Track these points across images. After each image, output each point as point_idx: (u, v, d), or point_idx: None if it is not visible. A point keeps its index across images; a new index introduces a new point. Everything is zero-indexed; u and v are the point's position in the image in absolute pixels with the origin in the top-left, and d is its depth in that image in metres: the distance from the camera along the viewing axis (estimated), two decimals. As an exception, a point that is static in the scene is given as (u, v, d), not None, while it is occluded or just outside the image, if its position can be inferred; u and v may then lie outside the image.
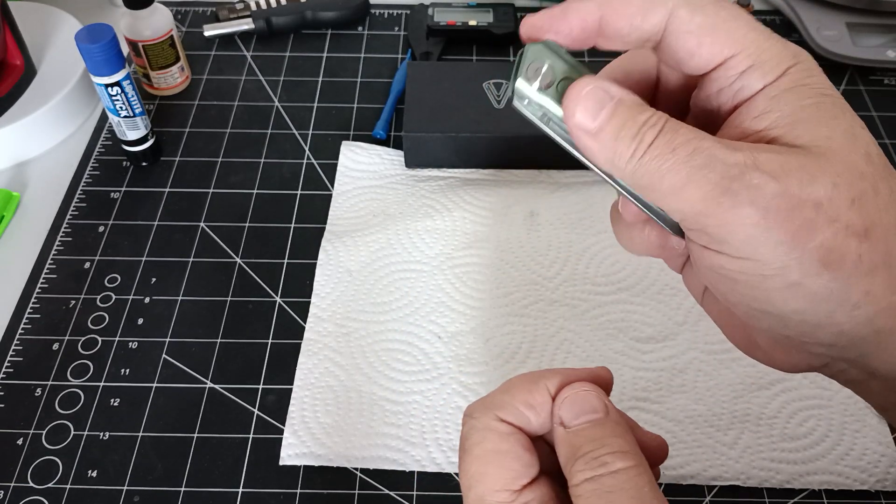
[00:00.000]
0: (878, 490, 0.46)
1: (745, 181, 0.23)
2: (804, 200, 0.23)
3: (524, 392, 0.28)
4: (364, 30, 0.77)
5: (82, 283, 0.56)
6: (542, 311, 0.54)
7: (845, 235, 0.23)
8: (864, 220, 0.24)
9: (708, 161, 0.23)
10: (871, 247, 0.24)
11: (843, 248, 0.23)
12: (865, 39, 0.71)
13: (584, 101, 0.25)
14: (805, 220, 0.23)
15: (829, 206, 0.23)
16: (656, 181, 0.24)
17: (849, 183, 0.24)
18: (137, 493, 0.46)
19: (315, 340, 0.52)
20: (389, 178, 0.62)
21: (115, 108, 0.59)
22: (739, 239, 0.24)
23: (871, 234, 0.24)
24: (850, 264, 0.24)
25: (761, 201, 0.23)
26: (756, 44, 0.25)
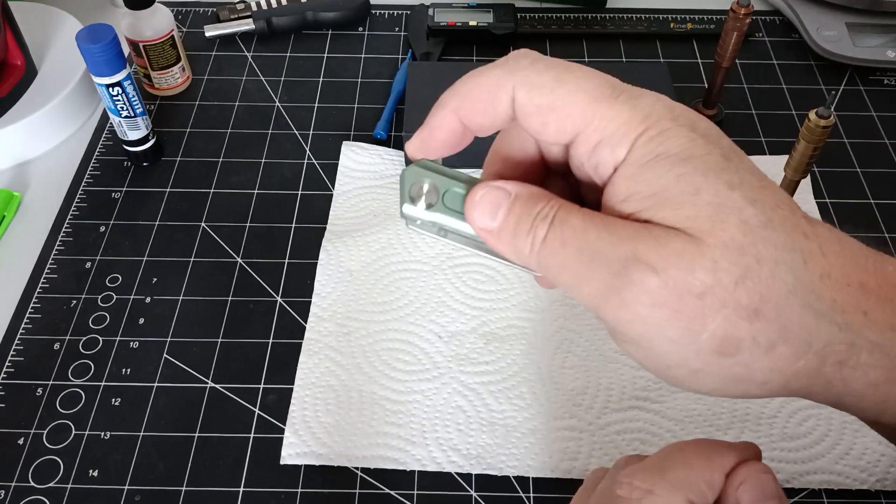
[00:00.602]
0: (878, 489, 0.46)
1: (628, 278, 0.23)
2: (687, 291, 0.23)
3: (706, 470, 0.28)
4: (364, 30, 0.77)
5: (83, 283, 0.56)
6: (542, 311, 0.54)
7: (736, 319, 0.23)
8: (751, 300, 0.23)
9: (593, 257, 0.24)
10: (764, 326, 0.23)
11: (736, 333, 0.23)
12: (865, 39, 0.71)
13: (481, 206, 0.26)
14: (692, 312, 0.23)
15: (713, 293, 0.23)
16: (555, 276, 0.25)
17: (729, 263, 0.23)
18: (138, 492, 0.46)
19: (316, 340, 0.52)
20: (390, 178, 0.62)
21: (116, 108, 0.59)
22: (636, 334, 0.24)
23: (762, 313, 0.23)
24: (746, 349, 0.24)
25: (646, 299, 0.23)
26: (599, 115, 0.24)
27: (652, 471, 0.28)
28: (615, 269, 0.23)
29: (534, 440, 0.48)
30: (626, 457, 0.32)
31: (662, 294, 0.23)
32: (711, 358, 0.24)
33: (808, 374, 0.25)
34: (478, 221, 0.26)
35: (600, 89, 0.25)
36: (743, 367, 0.24)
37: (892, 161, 0.65)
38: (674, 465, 0.29)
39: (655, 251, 0.23)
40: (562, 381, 0.50)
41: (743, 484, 0.28)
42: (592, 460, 0.47)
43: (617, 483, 0.29)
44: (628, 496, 0.28)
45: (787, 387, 0.25)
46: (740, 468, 0.28)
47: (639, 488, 0.28)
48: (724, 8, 0.74)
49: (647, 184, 0.24)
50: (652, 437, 0.48)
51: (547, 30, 0.76)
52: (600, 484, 0.31)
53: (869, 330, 0.25)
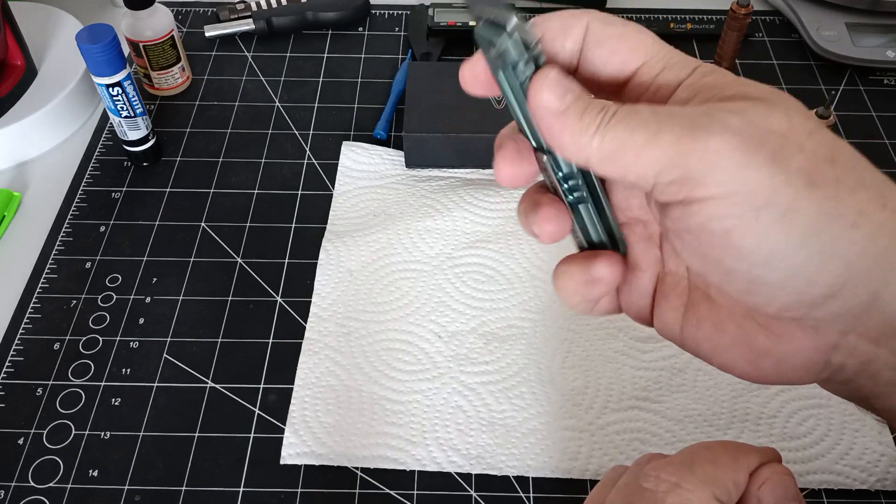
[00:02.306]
0: (877, 489, 0.46)
1: (712, 116, 0.23)
2: (770, 130, 0.23)
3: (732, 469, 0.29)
4: (364, 30, 0.77)
5: (83, 283, 0.56)
6: (542, 311, 0.54)
7: (817, 160, 0.23)
8: (826, 150, 0.24)
9: (671, 111, 0.24)
10: (843, 171, 0.24)
11: (821, 170, 0.23)
12: (865, 39, 0.71)
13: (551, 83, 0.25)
14: (778, 146, 0.23)
15: (793, 135, 0.24)
16: (627, 139, 0.24)
17: (801, 119, 0.24)
18: (138, 492, 0.46)
19: (316, 340, 0.52)
20: (390, 178, 0.62)
21: (116, 108, 0.59)
22: (724, 168, 0.23)
23: (838, 161, 0.24)
24: (832, 184, 0.23)
25: (733, 130, 0.23)
26: (663, 51, 0.27)
27: (680, 465, 0.29)
28: (697, 115, 0.24)
29: (534, 440, 0.48)
30: (648, 454, 0.32)
31: (748, 130, 0.23)
32: (801, 190, 0.23)
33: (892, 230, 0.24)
34: (543, 99, 0.25)
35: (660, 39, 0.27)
36: (833, 201, 0.23)
37: (892, 161, 0.65)
38: (701, 461, 0.29)
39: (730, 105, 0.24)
40: (562, 381, 0.50)
41: (765, 484, 0.29)
42: (592, 460, 0.47)
43: (643, 476, 0.29)
44: (655, 489, 0.29)
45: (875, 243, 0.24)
46: (763, 469, 0.29)
47: (666, 481, 0.28)
48: (724, 8, 0.74)
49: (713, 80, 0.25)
50: (652, 437, 0.48)
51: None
52: (621, 479, 0.32)
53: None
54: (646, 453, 0.33)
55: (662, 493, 0.28)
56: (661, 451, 0.47)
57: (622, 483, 0.31)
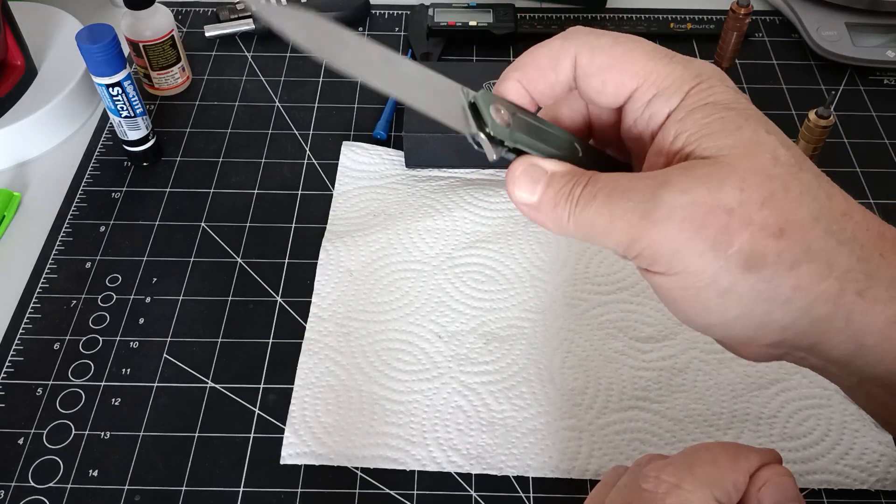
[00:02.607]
0: (878, 490, 0.46)
1: (657, 200, 0.25)
2: (715, 206, 0.24)
3: (732, 470, 0.29)
4: (365, 30, 0.77)
5: (83, 283, 0.56)
6: (542, 311, 0.54)
7: (762, 236, 0.24)
8: (777, 220, 0.25)
9: (623, 194, 0.26)
10: (788, 244, 0.25)
11: (762, 249, 0.25)
12: (865, 39, 0.71)
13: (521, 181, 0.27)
14: (720, 227, 0.24)
15: (740, 210, 0.24)
16: (591, 229, 0.26)
17: (757, 185, 0.25)
18: (138, 492, 0.46)
19: (316, 340, 0.52)
20: (390, 178, 0.62)
21: (115, 108, 0.59)
22: (668, 254, 0.25)
23: (787, 233, 0.25)
24: (771, 264, 0.25)
25: (675, 215, 0.25)
26: (656, 72, 0.27)
27: (680, 466, 0.29)
28: (645, 196, 0.25)
29: (533, 440, 0.48)
30: (648, 455, 0.33)
31: (691, 210, 0.24)
32: (738, 274, 0.25)
33: (829, 299, 0.25)
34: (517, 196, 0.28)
35: (656, 50, 0.27)
36: (768, 283, 0.25)
37: (892, 161, 0.65)
38: (701, 462, 0.29)
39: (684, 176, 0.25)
40: (562, 381, 0.50)
41: (765, 486, 0.29)
42: (592, 460, 0.47)
43: (643, 477, 0.29)
44: (655, 490, 0.29)
45: (809, 313, 0.26)
46: (763, 470, 0.29)
47: (666, 482, 0.29)
48: (724, 8, 0.74)
49: (694, 122, 0.26)
50: (652, 437, 0.48)
51: (547, 30, 0.76)
52: (621, 479, 0.32)
53: (885, 269, 0.26)
54: (645, 454, 0.33)
55: (662, 493, 0.28)
56: (661, 451, 0.47)
57: (622, 484, 0.31)
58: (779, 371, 0.51)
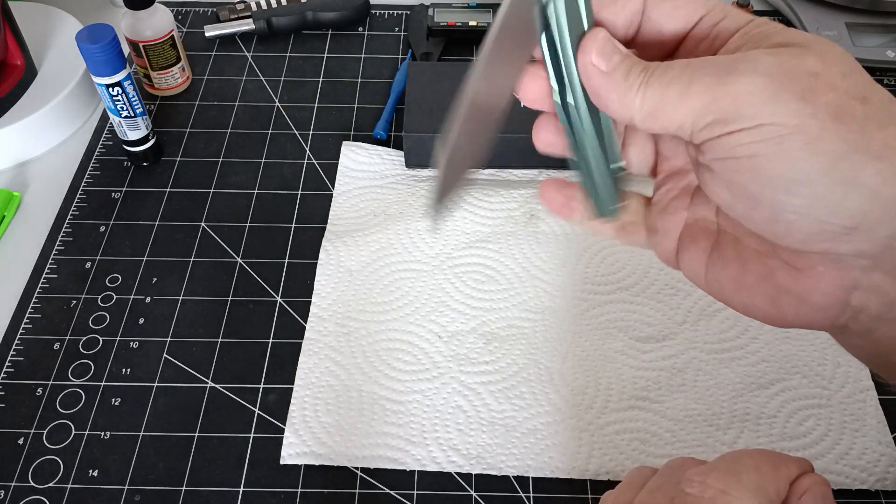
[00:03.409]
0: (877, 489, 0.46)
1: (744, 60, 0.25)
2: (801, 69, 0.24)
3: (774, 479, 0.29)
4: (364, 30, 0.77)
5: (83, 283, 0.56)
6: (542, 311, 0.54)
7: (847, 98, 0.24)
8: (859, 90, 0.24)
9: (704, 62, 0.25)
10: (874, 109, 0.24)
11: (849, 107, 0.24)
12: (865, 39, 0.71)
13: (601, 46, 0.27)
14: (807, 84, 0.24)
15: (825, 76, 0.24)
16: (664, 93, 0.25)
17: (836, 59, 0.25)
18: (138, 492, 0.46)
19: (316, 340, 0.52)
20: (390, 178, 0.62)
21: (115, 108, 0.59)
22: (752, 104, 0.24)
23: (870, 101, 0.24)
24: (860, 119, 0.24)
25: (762, 68, 0.24)
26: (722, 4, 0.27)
27: (725, 472, 0.29)
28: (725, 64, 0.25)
29: (533, 440, 0.48)
30: (680, 458, 0.32)
31: (777, 67, 0.24)
32: (827, 122, 0.24)
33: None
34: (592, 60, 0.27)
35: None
36: (858, 134, 0.24)
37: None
38: (746, 469, 0.29)
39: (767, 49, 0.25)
40: (562, 381, 0.50)
41: (806, 494, 0.29)
42: (592, 460, 0.47)
43: (686, 481, 0.29)
44: (700, 494, 0.29)
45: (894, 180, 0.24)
46: (803, 479, 0.29)
47: (712, 487, 0.29)
48: (724, 8, 0.74)
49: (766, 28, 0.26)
50: (652, 436, 0.48)
51: (547, 30, 0.76)
52: (651, 481, 0.32)
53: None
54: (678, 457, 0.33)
55: (708, 499, 0.28)
56: (662, 451, 0.47)
57: (654, 486, 0.31)
58: (779, 371, 0.51)
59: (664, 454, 0.47)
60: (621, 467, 0.47)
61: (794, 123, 0.24)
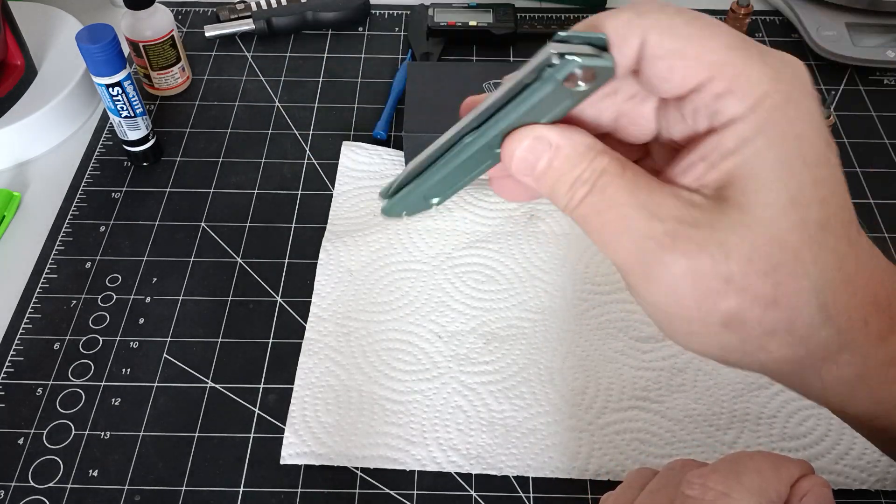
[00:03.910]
0: (878, 489, 0.46)
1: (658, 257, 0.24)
2: (715, 275, 0.24)
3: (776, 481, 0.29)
4: (364, 30, 0.77)
5: (83, 283, 0.56)
6: (542, 311, 0.54)
7: (751, 304, 0.24)
8: (774, 291, 0.24)
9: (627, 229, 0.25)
10: (775, 315, 0.24)
11: (746, 315, 0.24)
12: (865, 39, 0.71)
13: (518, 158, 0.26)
14: (713, 290, 0.24)
15: (740, 279, 0.24)
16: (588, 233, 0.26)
17: (766, 256, 0.24)
18: (138, 492, 0.46)
19: (316, 340, 0.52)
20: (390, 178, 0.62)
21: (115, 108, 0.59)
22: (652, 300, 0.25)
23: (779, 304, 0.24)
24: (749, 328, 0.25)
25: (670, 278, 0.24)
26: (731, 65, 0.24)
27: (726, 474, 0.29)
28: (647, 245, 0.24)
29: (533, 440, 0.48)
30: (681, 459, 0.32)
31: (688, 276, 0.24)
32: (714, 328, 0.25)
33: (792, 362, 0.26)
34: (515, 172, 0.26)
35: (733, 37, 0.24)
36: (738, 339, 0.25)
37: (892, 161, 0.65)
38: (747, 471, 0.29)
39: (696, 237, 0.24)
40: (562, 381, 0.50)
41: (807, 496, 0.29)
42: (592, 460, 0.47)
43: (687, 483, 0.29)
44: (701, 497, 0.29)
45: (764, 366, 0.26)
46: (804, 481, 0.29)
47: (713, 490, 0.29)
48: (724, 8, 0.74)
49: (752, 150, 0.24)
50: (652, 437, 0.48)
51: (547, 30, 0.76)
52: (652, 483, 0.32)
53: (862, 336, 0.26)
54: (676, 459, 0.33)
55: (709, 501, 0.28)
56: (662, 451, 0.47)
57: (654, 487, 0.31)
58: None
59: (664, 454, 0.47)
60: (621, 467, 0.47)
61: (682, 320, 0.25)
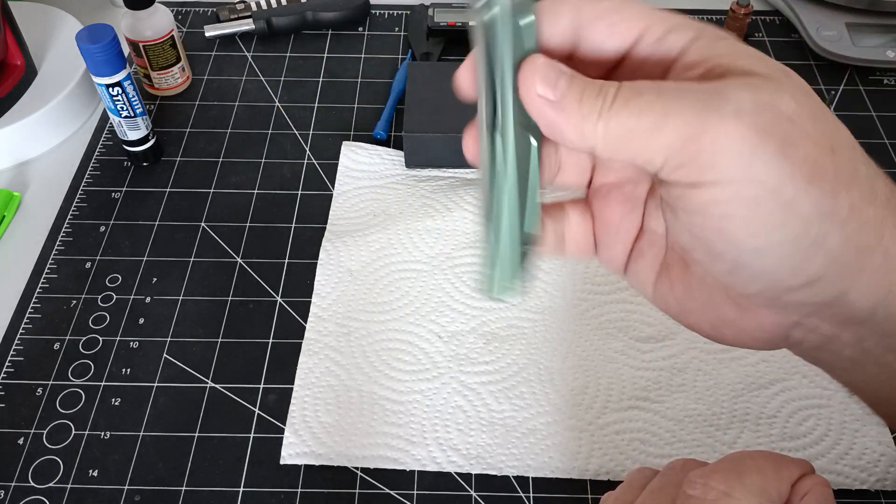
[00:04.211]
0: (877, 489, 0.46)
1: (725, 96, 0.23)
2: (781, 113, 0.23)
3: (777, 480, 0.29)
4: (364, 30, 0.77)
5: (83, 283, 0.56)
6: (542, 311, 0.54)
7: (820, 150, 0.23)
8: (828, 137, 0.24)
9: (678, 90, 0.23)
10: (842, 162, 0.24)
11: (822, 162, 0.23)
12: (865, 39, 0.71)
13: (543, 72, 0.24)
14: (786, 133, 0.23)
15: (800, 122, 0.23)
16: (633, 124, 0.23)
17: (805, 101, 0.24)
18: (138, 492, 0.46)
19: (315, 340, 0.52)
20: (390, 178, 0.62)
21: (115, 108, 0.59)
22: (732, 156, 0.22)
23: (837, 151, 0.24)
24: (831, 178, 0.23)
25: (745, 114, 0.22)
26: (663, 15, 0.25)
27: (728, 474, 0.29)
28: (707, 93, 0.23)
29: (533, 440, 0.48)
30: (682, 459, 0.32)
31: (761, 113, 0.23)
32: (803, 185, 0.23)
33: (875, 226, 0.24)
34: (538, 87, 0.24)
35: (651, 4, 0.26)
36: (830, 198, 0.23)
37: (892, 161, 0.65)
38: (748, 471, 0.29)
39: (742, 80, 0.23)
40: (562, 381, 0.50)
41: (808, 495, 0.29)
42: (592, 460, 0.47)
43: (688, 483, 0.29)
44: (703, 496, 0.28)
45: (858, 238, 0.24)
46: (804, 480, 0.29)
47: (715, 489, 0.28)
48: (724, 8, 0.74)
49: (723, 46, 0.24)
50: (652, 437, 0.48)
51: (547, 30, 0.76)
52: (653, 482, 0.32)
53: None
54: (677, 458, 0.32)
55: (711, 500, 0.28)
56: (662, 451, 0.47)
57: (655, 487, 0.31)
58: (779, 371, 0.51)
59: (664, 454, 0.47)
60: (621, 467, 0.47)
61: (772, 185, 0.23)
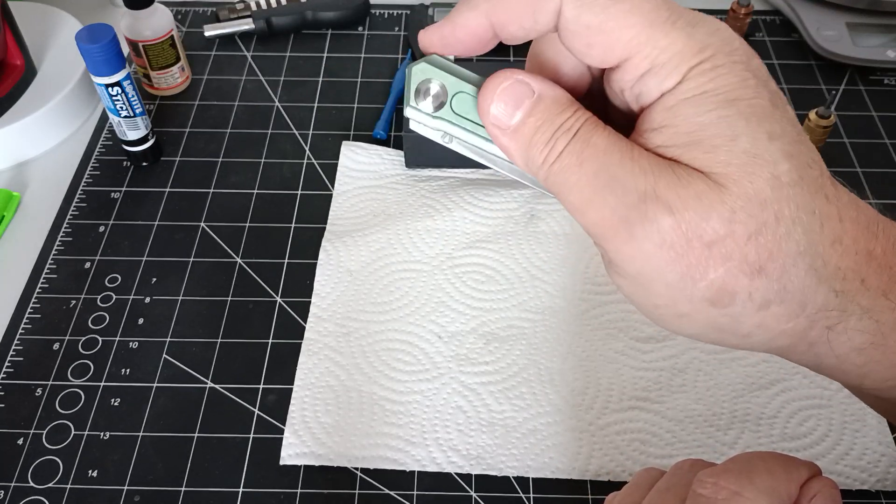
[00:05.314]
0: (878, 490, 0.46)
1: (643, 212, 0.23)
2: (698, 237, 0.23)
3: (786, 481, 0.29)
4: (364, 30, 0.77)
5: (83, 283, 0.56)
6: (542, 311, 0.54)
7: (738, 273, 0.23)
8: (759, 257, 0.23)
9: (610, 183, 0.23)
10: (764, 284, 0.23)
11: (734, 286, 0.23)
12: (865, 39, 0.71)
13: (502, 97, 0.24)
14: (697, 259, 0.23)
15: (723, 244, 0.23)
16: (563, 193, 0.24)
17: (747, 215, 0.23)
18: (138, 492, 0.46)
19: (315, 340, 0.52)
20: (390, 178, 0.62)
21: (115, 108, 0.59)
22: (634, 270, 0.24)
23: (766, 271, 0.23)
24: (740, 303, 0.24)
25: (655, 238, 0.23)
26: (653, 42, 0.23)
27: (739, 474, 0.29)
28: (630, 200, 0.23)
29: (534, 440, 0.48)
30: (689, 460, 0.32)
31: (673, 236, 0.23)
32: (702, 306, 0.24)
33: (794, 335, 0.25)
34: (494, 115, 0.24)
35: (657, 12, 0.23)
36: (731, 318, 0.24)
37: (892, 161, 0.65)
38: (758, 471, 0.29)
39: (676, 191, 0.23)
40: (562, 381, 0.50)
41: (816, 497, 0.29)
42: (592, 460, 0.47)
43: (698, 482, 0.29)
44: (713, 496, 0.28)
45: (768, 344, 0.25)
46: (813, 482, 0.29)
47: (726, 489, 0.28)
48: (724, 8, 0.74)
49: (685, 119, 0.23)
50: (652, 437, 0.48)
51: (547, 30, 0.75)
52: (660, 482, 0.32)
53: (863, 297, 0.25)
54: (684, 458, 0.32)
55: (722, 500, 0.28)
56: (662, 452, 0.47)
57: (663, 486, 0.31)
58: (779, 371, 0.51)
59: (665, 455, 0.47)
60: (622, 468, 0.47)
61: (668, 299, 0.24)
